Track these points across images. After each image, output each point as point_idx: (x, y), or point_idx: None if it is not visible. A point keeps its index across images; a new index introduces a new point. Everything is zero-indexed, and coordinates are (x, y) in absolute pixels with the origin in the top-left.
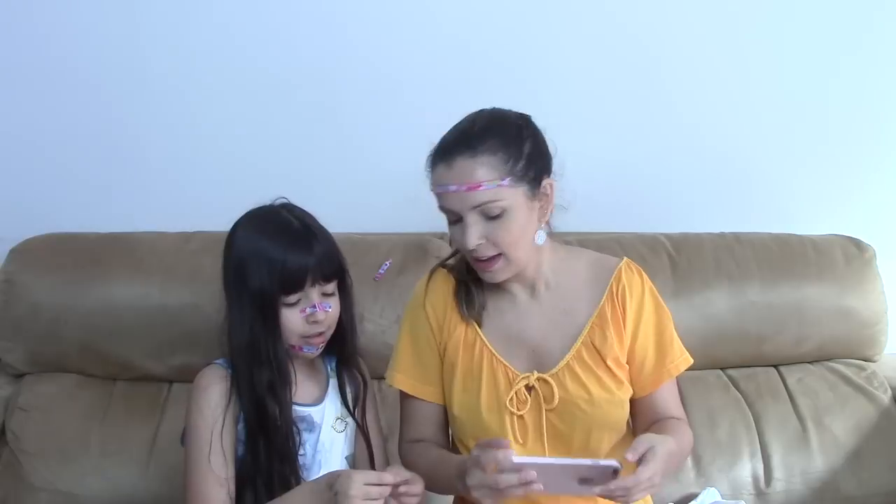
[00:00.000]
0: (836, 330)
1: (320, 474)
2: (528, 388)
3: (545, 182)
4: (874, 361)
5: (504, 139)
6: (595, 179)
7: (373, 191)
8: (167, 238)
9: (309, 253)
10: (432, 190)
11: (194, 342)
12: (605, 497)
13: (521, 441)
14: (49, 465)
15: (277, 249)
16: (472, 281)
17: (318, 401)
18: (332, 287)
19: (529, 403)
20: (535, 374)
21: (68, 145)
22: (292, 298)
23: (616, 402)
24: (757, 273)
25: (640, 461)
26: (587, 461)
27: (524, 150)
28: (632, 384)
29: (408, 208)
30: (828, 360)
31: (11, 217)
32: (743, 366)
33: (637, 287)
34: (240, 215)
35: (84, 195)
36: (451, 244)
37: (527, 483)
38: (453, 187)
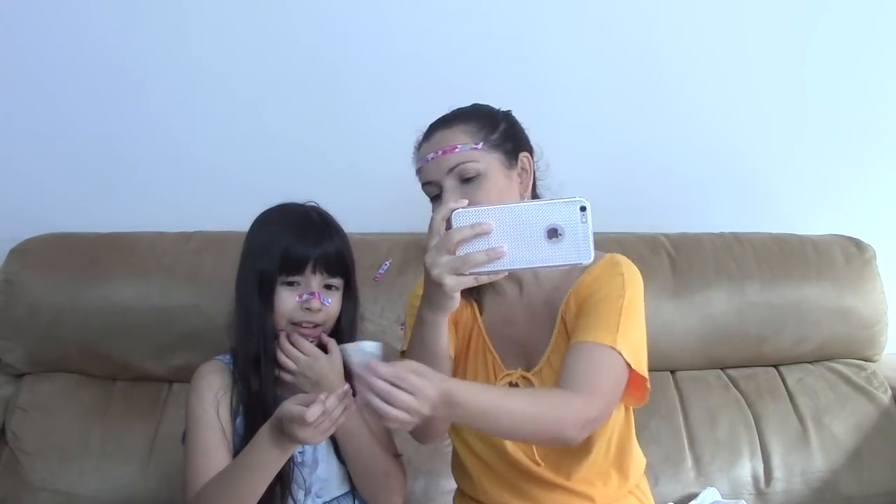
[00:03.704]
0: (836, 330)
1: (318, 472)
2: (513, 385)
3: (522, 155)
4: (874, 361)
5: (480, 116)
6: (595, 179)
7: (373, 191)
8: (167, 238)
9: (317, 241)
10: (417, 174)
11: (194, 342)
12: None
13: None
14: (49, 465)
15: (289, 233)
16: None
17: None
18: (336, 282)
19: None
20: (520, 372)
21: (68, 145)
22: (291, 279)
23: None
24: (757, 273)
25: None
26: (546, 200)
27: (499, 127)
28: None
29: (408, 208)
30: (828, 360)
31: (11, 217)
32: (743, 366)
33: (610, 269)
34: (239, 215)
35: (84, 195)
36: None
37: (481, 233)
38: (431, 155)
